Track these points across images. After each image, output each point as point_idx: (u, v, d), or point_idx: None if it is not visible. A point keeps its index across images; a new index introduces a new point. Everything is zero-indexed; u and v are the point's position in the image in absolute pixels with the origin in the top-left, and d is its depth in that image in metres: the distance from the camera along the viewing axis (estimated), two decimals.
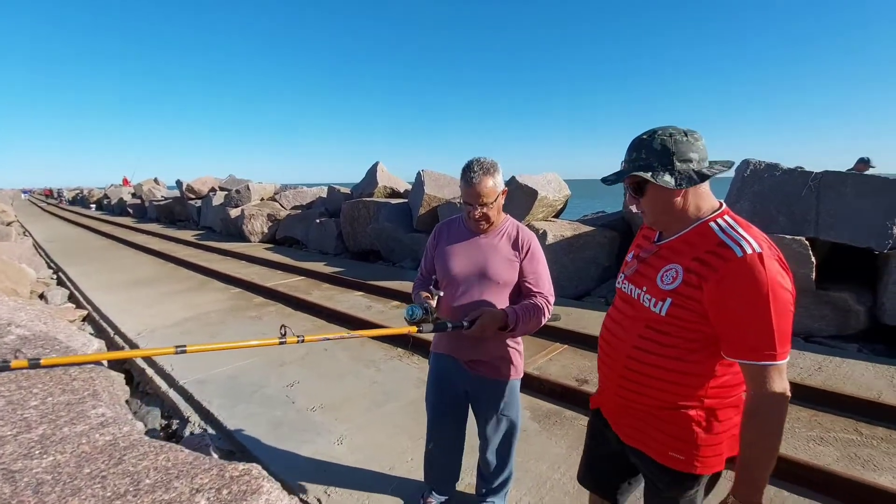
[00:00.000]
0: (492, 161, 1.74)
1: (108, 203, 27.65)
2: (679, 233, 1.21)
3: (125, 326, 5.29)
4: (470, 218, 1.82)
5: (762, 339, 1.03)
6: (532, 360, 4.14)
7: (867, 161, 7.42)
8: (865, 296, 4.71)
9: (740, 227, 1.13)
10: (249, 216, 12.66)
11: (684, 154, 1.14)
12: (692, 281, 1.12)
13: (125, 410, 1.19)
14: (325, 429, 3.06)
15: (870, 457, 2.67)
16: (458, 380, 1.94)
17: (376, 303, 6.35)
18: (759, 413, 1.06)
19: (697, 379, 1.18)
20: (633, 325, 1.27)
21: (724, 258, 1.08)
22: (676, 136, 1.15)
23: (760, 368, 1.05)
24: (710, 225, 1.16)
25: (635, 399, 1.28)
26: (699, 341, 1.14)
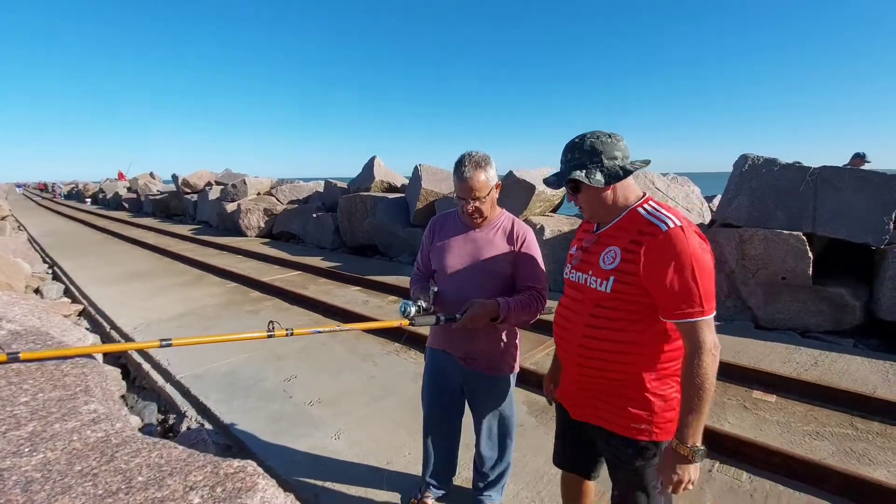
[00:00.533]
0: (484, 155, 1.73)
1: (104, 197, 27.47)
2: (613, 221, 1.39)
3: (121, 321, 5.26)
4: (464, 212, 1.81)
5: (690, 298, 1.20)
6: (529, 354, 4.14)
7: (863, 156, 7.42)
8: (861, 291, 4.72)
9: (662, 209, 1.32)
10: (246, 211, 12.60)
11: (610, 153, 1.33)
12: (629, 258, 1.29)
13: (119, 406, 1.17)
14: (322, 423, 3.05)
15: (865, 451, 2.68)
16: (454, 375, 1.93)
17: (373, 297, 6.33)
18: (692, 363, 1.21)
19: (648, 349, 1.32)
20: (583, 308, 1.41)
21: (652, 234, 1.26)
22: (602, 137, 1.34)
23: (692, 324, 1.21)
24: (637, 210, 1.35)
25: (594, 376, 1.40)
26: (643, 312, 1.30)
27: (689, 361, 1.23)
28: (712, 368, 1.20)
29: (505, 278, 1.83)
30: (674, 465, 1.23)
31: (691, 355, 1.22)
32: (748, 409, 3.17)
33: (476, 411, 1.97)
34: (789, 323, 4.92)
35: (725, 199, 5.59)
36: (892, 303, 4.40)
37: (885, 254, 4.55)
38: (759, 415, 3.08)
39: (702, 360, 1.20)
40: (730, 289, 5.25)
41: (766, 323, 5.03)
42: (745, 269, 5.06)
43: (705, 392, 1.20)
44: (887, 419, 2.98)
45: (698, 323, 1.21)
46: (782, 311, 4.94)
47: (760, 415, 3.08)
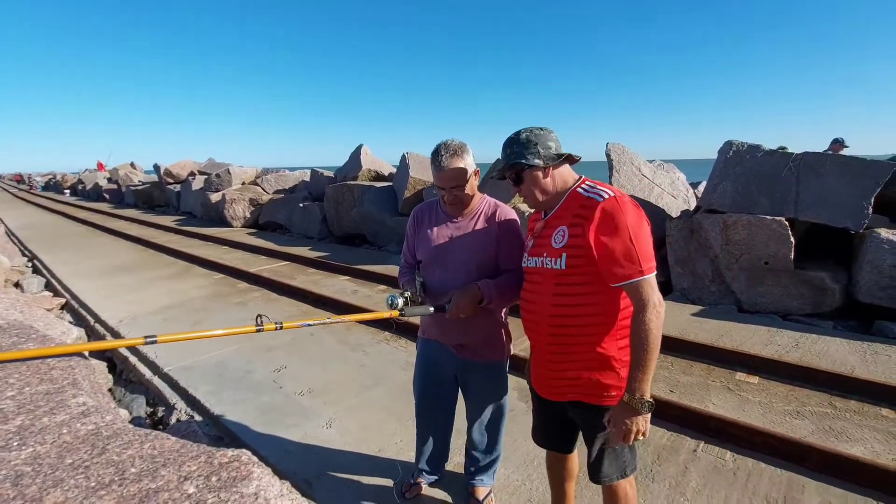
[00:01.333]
0: (459, 143, 1.72)
1: (83, 188, 26.80)
2: (557, 205, 1.52)
3: (106, 314, 5.18)
4: (444, 202, 1.81)
5: (631, 261, 1.30)
6: (518, 340, 4.17)
7: (841, 141, 7.56)
8: (841, 275, 4.84)
9: (598, 185, 1.45)
10: (231, 201, 12.41)
11: (545, 143, 1.48)
12: (576, 233, 1.39)
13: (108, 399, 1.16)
14: (313, 413, 3.06)
15: (843, 429, 2.77)
16: (447, 364, 1.94)
17: (362, 287, 6.32)
18: (637, 320, 1.30)
19: (609, 317, 1.42)
20: (544, 289, 1.49)
21: (591, 207, 1.38)
22: (536, 130, 1.49)
23: (636, 285, 1.31)
24: (576, 191, 1.48)
25: (564, 351, 1.48)
26: (599, 283, 1.39)
27: (634, 319, 1.32)
28: (656, 324, 1.29)
29: (491, 264, 1.83)
30: (623, 417, 1.32)
31: (637, 313, 1.31)
32: (731, 390, 3.26)
33: (470, 399, 1.99)
34: (771, 306, 5.03)
35: (710, 185, 5.66)
36: (870, 285, 4.52)
37: (864, 238, 4.66)
38: (743, 396, 3.17)
39: (646, 317, 1.28)
40: (714, 273, 5.35)
41: (749, 306, 5.14)
42: (729, 254, 5.15)
43: (650, 347, 1.28)
44: (864, 398, 3.09)
45: (640, 283, 1.30)
46: (765, 295, 5.05)
47: (743, 396, 3.17)
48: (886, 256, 4.42)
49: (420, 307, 1.73)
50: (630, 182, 6.69)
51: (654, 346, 1.28)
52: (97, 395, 1.13)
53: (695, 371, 3.56)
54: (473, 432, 2.03)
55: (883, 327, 4.43)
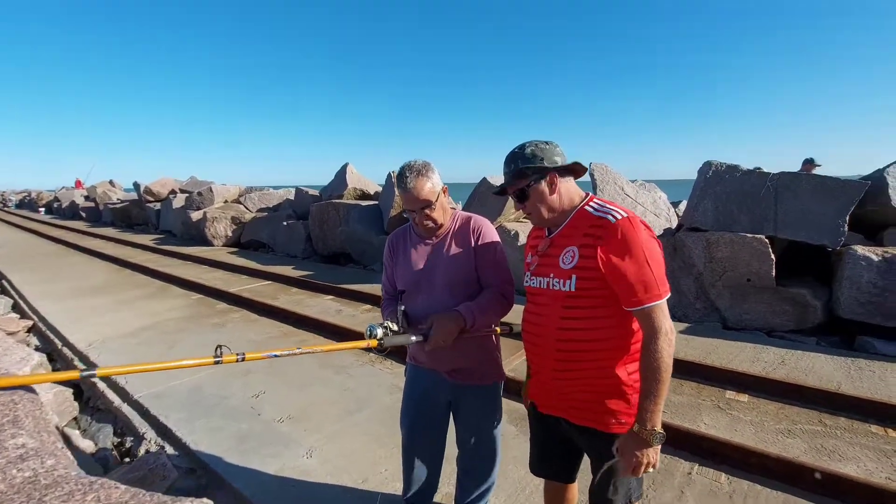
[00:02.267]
0: (423, 162, 1.67)
1: (59, 206, 26.09)
2: (563, 223, 1.44)
3: (74, 337, 4.94)
4: (416, 224, 1.74)
5: (645, 285, 1.25)
6: (506, 361, 4.08)
7: (812, 161, 7.78)
8: (821, 291, 4.90)
9: (608, 204, 1.38)
10: (212, 219, 12.18)
11: (551, 158, 1.41)
12: (587, 254, 1.33)
13: (54, 438, 1.03)
14: (293, 441, 2.91)
15: (835, 447, 2.74)
16: (440, 392, 1.84)
17: (347, 306, 6.18)
18: (649, 347, 1.25)
19: (619, 342, 1.36)
20: (551, 311, 1.42)
21: (604, 227, 1.32)
22: (541, 144, 1.42)
23: (648, 311, 1.26)
24: (585, 209, 1.42)
25: (571, 377, 1.41)
26: (610, 306, 1.33)
27: (646, 346, 1.26)
28: (669, 352, 1.24)
29: (472, 281, 1.77)
30: (633, 448, 1.26)
31: (648, 340, 1.26)
32: (722, 409, 3.21)
33: (463, 425, 1.88)
34: (756, 323, 5.06)
35: (691, 204, 5.73)
36: (849, 301, 4.58)
37: (842, 255, 4.75)
38: (734, 415, 3.13)
39: (658, 345, 1.23)
40: (698, 291, 5.37)
41: (734, 323, 5.16)
42: (713, 272, 5.19)
43: (662, 376, 1.23)
44: (853, 414, 3.07)
45: (654, 308, 1.25)
46: (749, 312, 5.08)
47: (735, 415, 3.13)
48: (864, 273, 4.50)
49: (401, 336, 1.64)
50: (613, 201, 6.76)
51: (666, 375, 1.23)
52: (41, 434, 1.00)
53: (685, 390, 3.51)
54: (466, 460, 1.92)
55: (864, 343, 4.48)
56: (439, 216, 1.71)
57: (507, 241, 6.52)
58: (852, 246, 4.68)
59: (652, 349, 1.24)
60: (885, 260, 4.43)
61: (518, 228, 6.71)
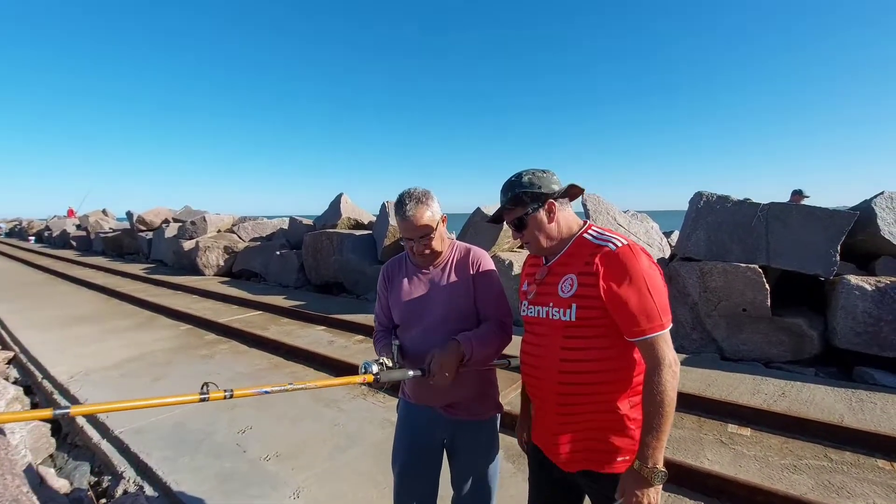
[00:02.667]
0: (423, 190, 1.64)
1: (50, 235, 25.84)
2: (562, 251, 1.41)
3: (56, 369, 4.77)
4: (413, 253, 1.69)
5: (648, 315, 1.21)
6: (502, 394, 3.99)
7: (801, 192, 7.91)
8: (817, 321, 4.88)
9: (607, 232, 1.36)
10: (204, 248, 12.08)
11: (549, 186, 1.39)
12: (587, 282, 1.29)
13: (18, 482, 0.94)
14: (280, 481, 2.77)
15: (843, 483, 2.65)
16: (436, 429, 1.75)
17: (339, 337, 6.06)
18: (652, 380, 1.20)
19: (622, 371, 1.30)
20: (551, 341, 1.37)
21: (604, 255, 1.29)
22: (538, 173, 1.41)
23: (651, 341, 1.21)
24: (584, 236, 1.39)
25: (574, 412, 1.34)
26: (611, 336, 1.28)
27: (648, 379, 1.21)
28: (672, 385, 1.19)
29: (470, 313, 1.71)
30: (634, 487, 1.19)
31: (651, 372, 1.21)
32: (725, 443, 3.12)
33: (458, 464, 1.78)
34: (753, 354, 5.01)
35: (684, 234, 5.77)
36: (845, 331, 4.56)
37: (835, 284, 4.76)
38: (737, 449, 3.03)
39: (661, 377, 1.19)
40: (694, 321, 5.34)
41: (732, 354, 5.11)
42: (708, 302, 5.17)
43: (665, 410, 1.18)
44: (858, 448, 3.00)
45: (657, 339, 1.21)
46: (746, 343, 5.03)
47: (738, 449, 3.03)
48: (858, 303, 4.50)
49: (397, 371, 1.55)
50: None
51: (670, 410, 1.18)
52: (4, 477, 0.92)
53: (686, 423, 3.42)
54: (463, 501, 1.81)
55: (863, 374, 4.43)
56: (438, 245, 1.67)
57: (501, 271, 6.49)
58: (845, 276, 4.70)
59: (655, 381, 1.19)
60: (878, 290, 4.45)
61: (512, 258, 6.69)
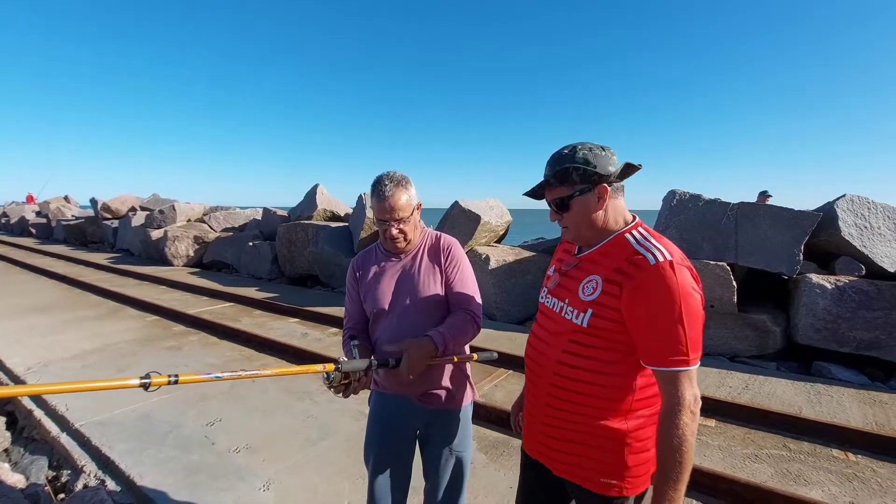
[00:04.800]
0: (402, 174, 1.62)
1: (7, 222, 24.58)
2: (598, 245, 1.25)
3: (12, 360, 4.55)
4: (386, 238, 1.65)
5: (674, 345, 1.05)
6: (477, 386, 4.00)
7: (766, 193, 8.28)
8: (780, 317, 5.08)
9: (653, 238, 1.17)
10: (173, 238, 11.70)
11: (605, 167, 1.18)
12: (611, 290, 1.14)
13: None
14: (249, 473, 2.71)
15: (800, 472, 2.77)
16: (410, 419, 1.73)
17: (313, 330, 5.97)
18: (671, 421, 1.06)
19: (621, 392, 1.18)
20: (556, 340, 1.26)
21: (638, 266, 1.11)
22: (595, 150, 1.19)
23: (673, 375, 1.07)
24: (625, 236, 1.20)
25: (563, 418, 1.25)
26: (620, 352, 1.15)
27: (666, 419, 1.07)
28: (692, 428, 1.05)
29: (443, 302, 1.70)
30: None
31: (670, 412, 1.06)
32: None
33: (430, 453, 1.77)
34: (719, 349, 5.17)
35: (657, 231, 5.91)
36: (806, 328, 4.76)
37: (798, 283, 4.95)
38: (702, 440, 3.13)
39: (681, 419, 1.04)
40: None
41: None
42: None
43: (685, 457, 1.04)
44: (815, 438, 3.13)
45: (680, 374, 1.05)
46: (713, 338, 5.19)
47: (703, 440, 3.13)
48: (819, 300, 4.70)
49: (360, 361, 1.50)
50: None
51: (689, 457, 1.05)
52: None
53: None
54: (437, 492, 1.79)
55: (821, 368, 4.64)
56: (410, 231, 1.65)
57: (478, 265, 6.51)
58: (807, 274, 4.90)
59: (674, 423, 1.04)
60: (837, 288, 4.65)
61: (489, 252, 6.72)
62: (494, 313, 6.58)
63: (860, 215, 5.05)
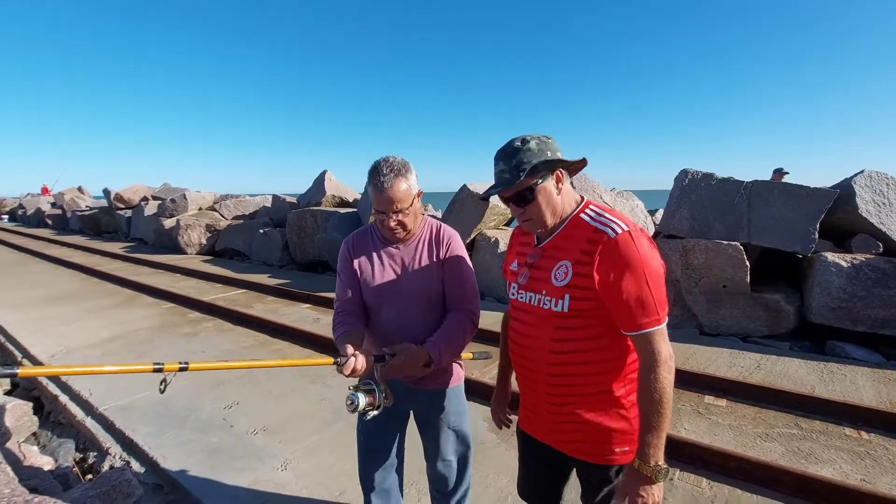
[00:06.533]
0: (402, 160, 1.53)
1: (24, 214, 25.05)
2: (556, 231, 1.29)
3: (36, 348, 4.69)
4: (385, 228, 1.58)
5: (646, 309, 1.14)
6: (487, 369, 4.05)
7: (781, 170, 8.07)
8: (794, 297, 5.02)
9: (607, 213, 1.23)
10: (186, 226, 11.84)
11: (555, 153, 1.24)
12: (582, 271, 1.20)
13: None
14: (267, 454, 2.80)
15: (811, 450, 2.77)
16: (400, 399, 1.74)
17: (325, 315, 6.06)
18: (649, 376, 1.14)
19: (616, 363, 1.25)
20: (542, 332, 1.29)
21: (601, 242, 1.18)
22: (542, 138, 1.25)
23: (647, 336, 1.15)
24: (580, 217, 1.26)
25: (566, 403, 1.29)
26: (605, 326, 1.22)
27: (645, 375, 1.15)
28: (669, 380, 1.14)
29: (438, 294, 1.67)
30: (637, 486, 1.15)
31: (648, 368, 1.15)
32: (702, 414, 3.23)
33: (429, 432, 1.79)
34: (731, 329, 5.14)
35: (668, 211, 5.83)
36: (820, 306, 4.70)
37: (813, 261, 4.88)
38: (713, 419, 3.14)
39: (658, 373, 1.13)
40: (675, 297, 5.44)
41: (710, 329, 5.24)
42: (690, 279, 5.27)
43: (664, 406, 1.14)
44: (827, 418, 3.13)
45: (653, 333, 1.15)
46: (725, 318, 5.16)
47: (713, 419, 3.14)
48: (833, 279, 4.63)
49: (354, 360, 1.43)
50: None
51: (668, 407, 1.14)
52: None
53: None
54: (437, 469, 1.82)
55: (835, 347, 4.60)
56: (410, 222, 1.59)
57: (487, 249, 6.51)
58: (822, 253, 4.82)
59: (652, 378, 1.13)
60: (853, 266, 4.57)
61: (498, 236, 6.71)
62: (503, 296, 6.60)
63: (878, 191, 4.94)
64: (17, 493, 0.83)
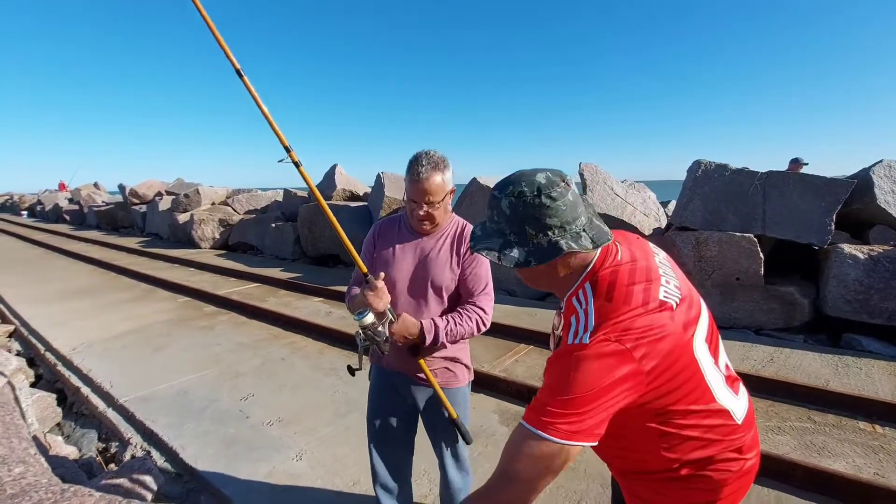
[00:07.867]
0: (442, 156, 1.58)
1: (42, 209, 25.59)
2: (568, 292, 1.02)
3: (58, 341, 4.82)
4: (413, 217, 1.64)
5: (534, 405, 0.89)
6: (498, 361, 4.08)
7: (799, 160, 7.89)
8: (809, 289, 4.96)
9: (591, 310, 0.92)
10: (199, 221, 12.01)
11: (541, 220, 0.92)
12: None
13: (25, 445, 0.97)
14: (283, 444, 2.86)
15: (824, 444, 2.76)
16: (407, 395, 1.77)
17: (336, 308, 6.12)
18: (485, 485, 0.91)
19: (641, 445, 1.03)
20: None
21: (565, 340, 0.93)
22: (527, 196, 0.91)
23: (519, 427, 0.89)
24: (571, 301, 0.99)
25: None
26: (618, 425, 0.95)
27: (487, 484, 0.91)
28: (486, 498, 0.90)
29: (453, 289, 1.70)
30: None
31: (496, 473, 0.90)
32: None
33: (432, 433, 1.82)
34: (744, 321, 5.10)
35: (681, 203, 5.77)
36: (836, 299, 4.64)
37: (829, 253, 4.81)
38: None
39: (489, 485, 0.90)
40: None
41: (723, 322, 5.20)
42: (702, 271, 5.22)
43: None
44: (841, 411, 3.10)
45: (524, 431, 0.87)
46: (738, 311, 5.12)
47: None
48: (850, 271, 4.56)
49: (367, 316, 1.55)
50: (603, 201, 6.78)
51: None
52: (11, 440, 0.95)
53: None
54: (447, 470, 1.84)
55: (850, 340, 4.53)
56: (439, 215, 1.64)
57: None
58: (839, 244, 4.74)
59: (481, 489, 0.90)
60: (870, 258, 4.50)
61: None
62: (515, 289, 6.60)
63: None
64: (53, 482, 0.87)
